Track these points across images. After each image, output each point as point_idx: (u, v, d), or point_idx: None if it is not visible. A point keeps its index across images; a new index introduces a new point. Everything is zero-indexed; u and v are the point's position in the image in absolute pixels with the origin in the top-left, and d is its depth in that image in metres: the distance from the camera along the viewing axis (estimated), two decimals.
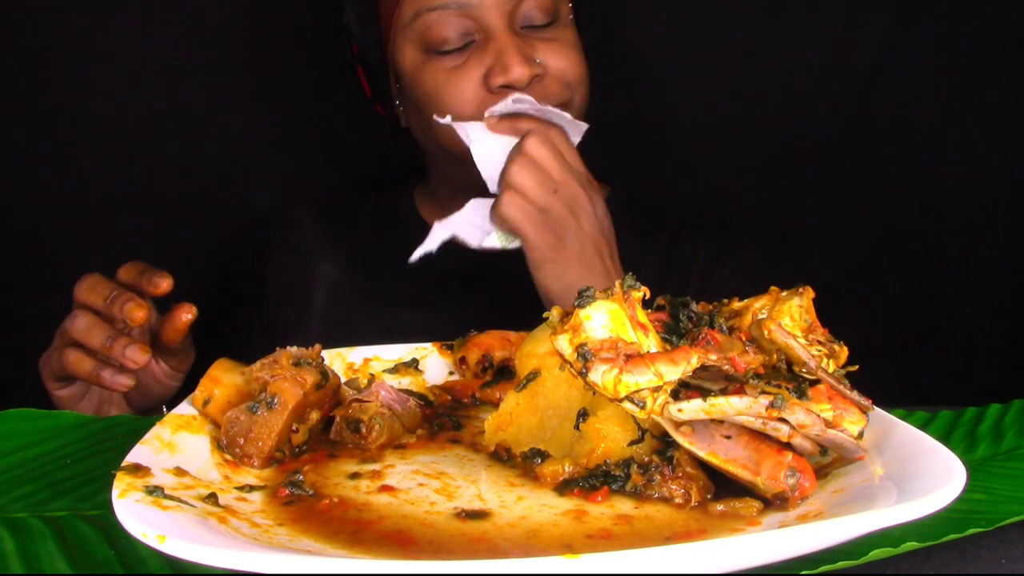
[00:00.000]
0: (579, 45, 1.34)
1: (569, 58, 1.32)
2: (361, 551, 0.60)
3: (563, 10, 1.35)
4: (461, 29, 1.27)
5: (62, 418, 0.86)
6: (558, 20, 1.33)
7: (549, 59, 1.30)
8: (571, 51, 1.33)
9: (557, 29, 1.32)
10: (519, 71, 1.24)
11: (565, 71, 1.31)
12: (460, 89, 1.27)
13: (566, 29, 1.34)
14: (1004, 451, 0.83)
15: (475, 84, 1.27)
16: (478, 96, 1.27)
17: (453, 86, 1.28)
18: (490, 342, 0.94)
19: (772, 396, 0.64)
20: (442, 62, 1.29)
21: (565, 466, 0.70)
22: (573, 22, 1.36)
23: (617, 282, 0.69)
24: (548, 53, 1.30)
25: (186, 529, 0.58)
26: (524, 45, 1.28)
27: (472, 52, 1.28)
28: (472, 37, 1.28)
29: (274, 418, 0.75)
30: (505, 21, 1.27)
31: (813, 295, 0.76)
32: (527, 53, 1.27)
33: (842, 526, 0.56)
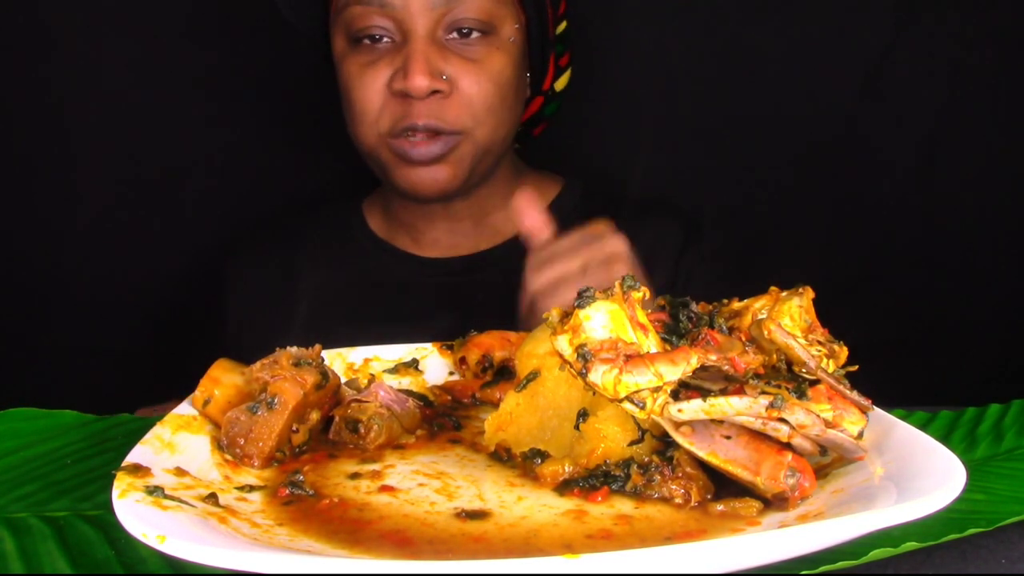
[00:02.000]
0: (504, 73, 1.27)
1: (481, 84, 1.25)
2: (361, 551, 0.60)
3: (505, 29, 1.28)
4: (381, 24, 1.25)
5: (62, 418, 0.86)
6: (493, 35, 1.27)
7: (461, 78, 1.24)
8: (486, 78, 1.26)
9: (487, 49, 1.26)
10: (419, 81, 1.20)
11: (472, 98, 1.25)
12: (366, 86, 1.25)
13: (497, 52, 1.27)
14: (1004, 451, 0.84)
15: (381, 84, 1.24)
16: (382, 97, 1.25)
17: (360, 82, 1.25)
18: (490, 342, 0.94)
19: (772, 396, 0.64)
20: (358, 55, 1.26)
21: (565, 466, 0.70)
22: (515, 48, 1.30)
23: (617, 282, 0.69)
24: (462, 72, 1.24)
25: (186, 529, 0.58)
26: (437, 56, 1.23)
27: (387, 51, 1.25)
28: (392, 35, 1.25)
29: (274, 418, 0.75)
30: (426, 27, 1.23)
31: (813, 295, 0.76)
32: (435, 65, 1.23)
33: (842, 526, 0.56)
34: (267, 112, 1.61)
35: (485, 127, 1.27)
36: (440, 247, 1.42)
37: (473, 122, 1.26)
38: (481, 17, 1.25)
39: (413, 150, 1.25)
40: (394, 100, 1.24)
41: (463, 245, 1.41)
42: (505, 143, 1.34)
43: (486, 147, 1.29)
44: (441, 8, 1.24)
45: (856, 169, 1.65)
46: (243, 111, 1.61)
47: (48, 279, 1.60)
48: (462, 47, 1.25)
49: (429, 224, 1.40)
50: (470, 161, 1.29)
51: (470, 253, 1.40)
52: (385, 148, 1.27)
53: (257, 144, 1.62)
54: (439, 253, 1.41)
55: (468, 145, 1.27)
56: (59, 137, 1.57)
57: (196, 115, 1.59)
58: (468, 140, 1.27)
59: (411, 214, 1.41)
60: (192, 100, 1.58)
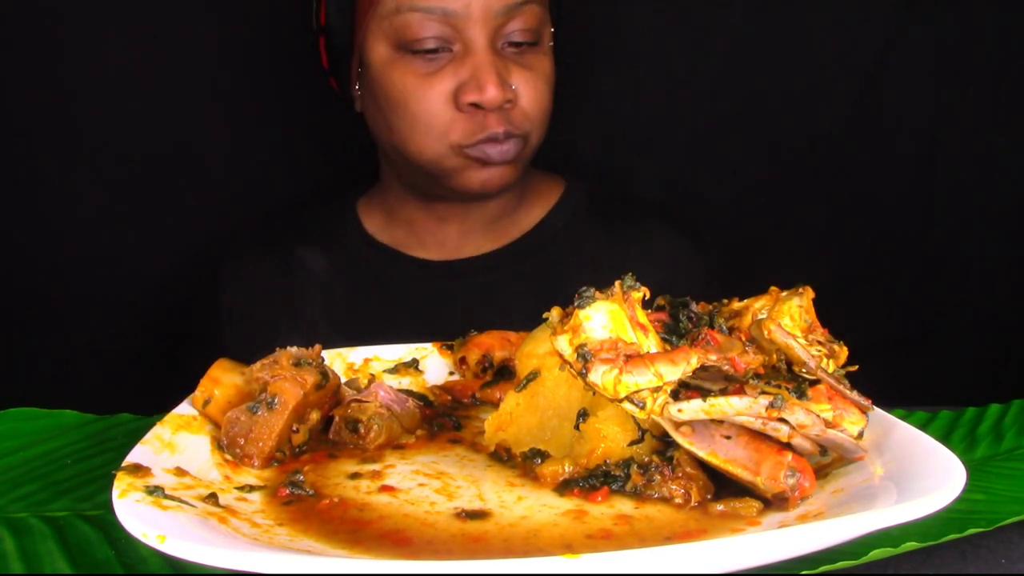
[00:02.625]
0: (552, 78, 1.31)
1: (539, 91, 1.28)
2: (361, 551, 0.60)
3: (545, 35, 1.32)
4: (440, 35, 1.23)
5: (62, 418, 0.86)
6: (540, 44, 1.30)
7: (522, 87, 1.27)
8: (543, 84, 1.29)
9: (536, 56, 1.29)
10: (494, 93, 1.22)
11: (534, 104, 1.28)
12: (429, 98, 1.24)
13: (544, 58, 1.31)
14: (1004, 451, 0.84)
15: (445, 96, 1.24)
16: (447, 110, 1.24)
17: (423, 92, 1.24)
18: (490, 342, 0.94)
19: (772, 396, 0.64)
20: (413, 64, 1.25)
21: (565, 466, 0.70)
22: (552, 51, 1.33)
23: (617, 282, 0.69)
24: (522, 81, 1.27)
25: (186, 529, 0.58)
26: (502, 67, 1.25)
27: (448, 62, 1.25)
28: (449, 46, 1.24)
29: (274, 418, 0.75)
30: (488, 37, 1.24)
31: (813, 295, 0.76)
32: (504, 76, 1.25)
33: (842, 526, 0.56)
34: (267, 112, 1.61)
35: (541, 129, 1.31)
36: (445, 249, 1.40)
37: (532, 126, 1.29)
38: (532, 26, 1.28)
39: (496, 151, 1.26)
40: (462, 112, 1.24)
41: (467, 247, 1.40)
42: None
43: (536, 148, 1.33)
44: (501, 18, 1.25)
45: (856, 169, 1.65)
46: (243, 111, 1.61)
47: (48, 279, 1.60)
48: (517, 56, 1.28)
49: (439, 225, 1.39)
50: (525, 160, 1.32)
51: (473, 256, 1.39)
52: (454, 156, 1.27)
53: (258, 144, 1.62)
54: (442, 255, 1.40)
55: (528, 148, 1.30)
56: (59, 137, 1.57)
57: (196, 115, 1.59)
58: (529, 144, 1.30)
59: (420, 215, 1.39)
60: (192, 100, 1.58)
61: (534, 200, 1.43)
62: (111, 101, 1.56)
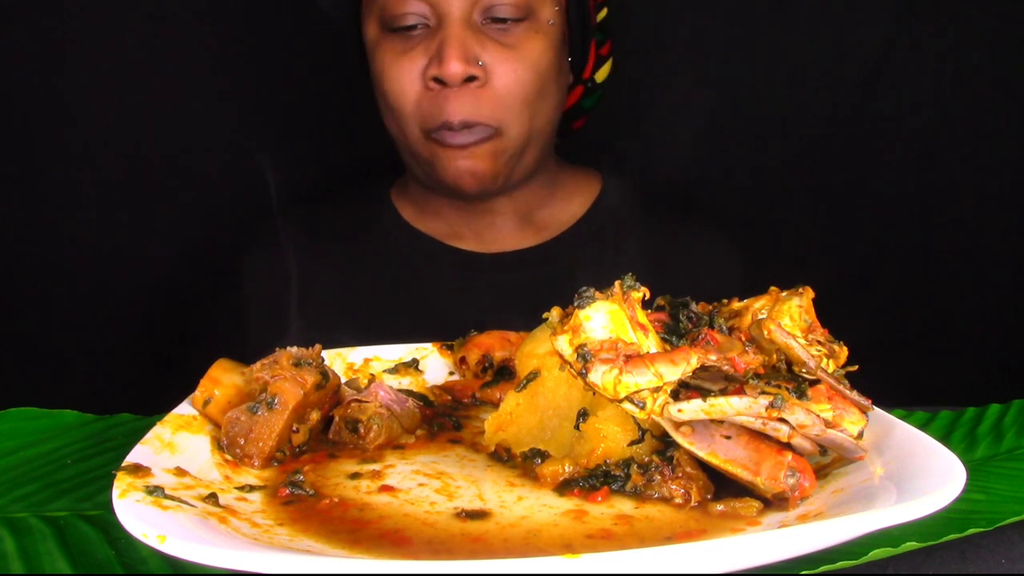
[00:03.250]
0: (541, 60, 1.21)
1: (517, 72, 1.19)
2: (361, 551, 0.60)
3: (544, 11, 1.22)
4: (419, 11, 1.18)
5: (62, 418, 0.86)
6: (531, 19, 1.20)
7: (496, 67, 1.18)
8: (524, 67, 1.19)
9: (525, 34, 1.20)
10: (454, 67, 1.14)
11: (508, 88, 1.19)
12: (400, 75, 1.19)
13: (536, 37, 1.21)
14: (1004, 451, 0.84)
15: (416, 73, 1.18)
16: (414, 88, 1.18)
17: (395, 71, 1.19)
18: (490, 342, 0.94)
19: (772, 396, 0.64)
20: (393, 42, 1.20)
21: (565, 466, 0.70)
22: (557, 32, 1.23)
23: (617, 282, 0.69)
24: (498, 59, 1.18)
25: (186, 529, 0.58)
26: (473, 41, 1.17)
27: (422, 38, 1.19)
28: (427, 21, 1.19)
29: (275, 418, 0.75)
30: (463, 8, 1.17)
31: (813, 295, 0.76)
32: (471, 50, 1.16)
33: (842, 526, 0.56)
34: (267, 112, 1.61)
35: (522, 119, 1.21)
36: (482, 241, 1.36)
37: (509, 114, 1.20)
38: (519, 1, 1.19)
39: (452, 136, 1.19)
40: (429, 92, 1.18)
41: (505, 240, 1.35)
42: (547, 133, 1.29)
43: (524, 139, 1.23)
44: None
45: (856, 169, 1.65)
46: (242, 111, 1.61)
47: (48, 279, 1.60)
48: (499, 32, 1.19)
49: (469, 217, 1.35)
50: (510, 155, 1.23)
51: (513, 250, 1.34)
52: (424, 141, 1.21)
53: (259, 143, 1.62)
54: (480, 247, 1.36)
55: (506, 140, 1.22)
56: (60, 136, 1.57)
57: (196, 114, 1.59)
58: (506, 135, 1.21)
59: (446, 206, 1.34)
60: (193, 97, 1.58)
61: (570, 195, 1.38)
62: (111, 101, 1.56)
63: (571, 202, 1.38)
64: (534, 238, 1.35)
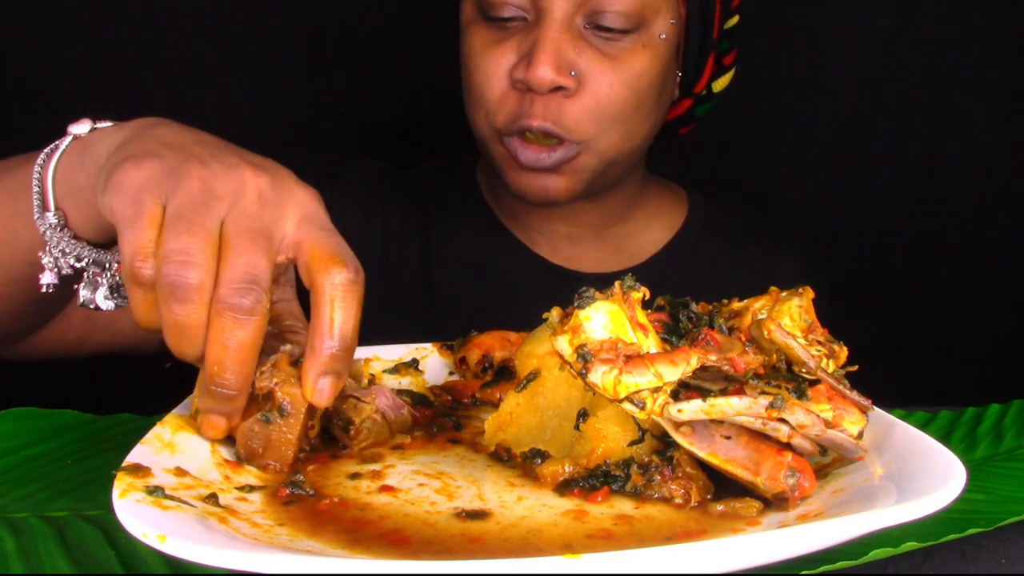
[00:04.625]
0: (644, 78, 1.10)
1: (614, 87, 1.08)
2: (361, 551, 0.60)
3: (658, 24, 1.11)
4: (516, 2, 1.09)
5: (62, 418, 0.86)
6: (641, 31, 1.09)
7: (592, 77, 1.08)
8: (622, 82, 1.09)
9: (631, 47, 1.09)
10: (543, 73, 1.05)
11: (601, 101, 1.08)
12: (487, 67, 1.10)
13: (643, 50, 1.10)
14: (1004, 451, 0.84)
15: (504, 69, 1.10)
16: (499, 84, 1.10)
17: (484, 61, 1.10)
18: (490, 342, 0.94)
19: (772, 396, 0.64)
20: (485, 30, 1.12)
21: (565, 466, 0.70)
22: (671, 50, 1.13)
23: (617, 283, 0.69)
24: (596, 70, 1.08)
25: (186, 529, 0.58)
26: (569, 47, 1.07)
27: (517, 31, 1.10)
28: (525, 15, 1.10)
29: (290, 424, 0.74)
30: (564, 10, 1.07)
31: (813, 295, 0.76)
32: (566, 57, 1.07)
33: (842, 526, 0.56)
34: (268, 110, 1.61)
35: (611, 137, 1.11)
36: (558, 253, 1.27)
37: (597, 130, 1.10)
38: (630, 10, 1.08)
39: (524, 152, 1.10)
40: (514, 90, 1.09)
41: (582, 258, 1.27)
42: (636, 154, 1.19)
43: (611, 159, 1.13)
44: None
45: (856, 169, 1.65)
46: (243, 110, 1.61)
47: None
48: (602, 41, 1.09)
49: (543, 223, 1.26)
50: (590, 174, 1.13)
51: (590, 272, 1.26)
52: (497, 142, 1.13)
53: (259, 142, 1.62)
54: (556, 259, 1.27)
55: (589, 156, 1.11)
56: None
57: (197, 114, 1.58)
58: (589, 151, 1.11)
59: (519, 206, 1.25)
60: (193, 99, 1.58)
61: (654, 213, 1.30)
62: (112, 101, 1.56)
63: (655, 222, 1.30)
64: (614, 259, 1.28)
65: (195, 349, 0.68)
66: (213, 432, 0.72)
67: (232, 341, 0.67)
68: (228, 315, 0.66)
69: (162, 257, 0.66)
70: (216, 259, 0.67)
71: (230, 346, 0.67)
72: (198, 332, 0.67)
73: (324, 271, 0.68)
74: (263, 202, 0.69)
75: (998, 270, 1.63)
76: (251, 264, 0.66)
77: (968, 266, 1.65)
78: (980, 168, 1.63)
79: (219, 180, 0.69)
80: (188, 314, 0.66)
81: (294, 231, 0.70)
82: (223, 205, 0.68)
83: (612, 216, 1.27)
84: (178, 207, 0.67)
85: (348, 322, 0.69)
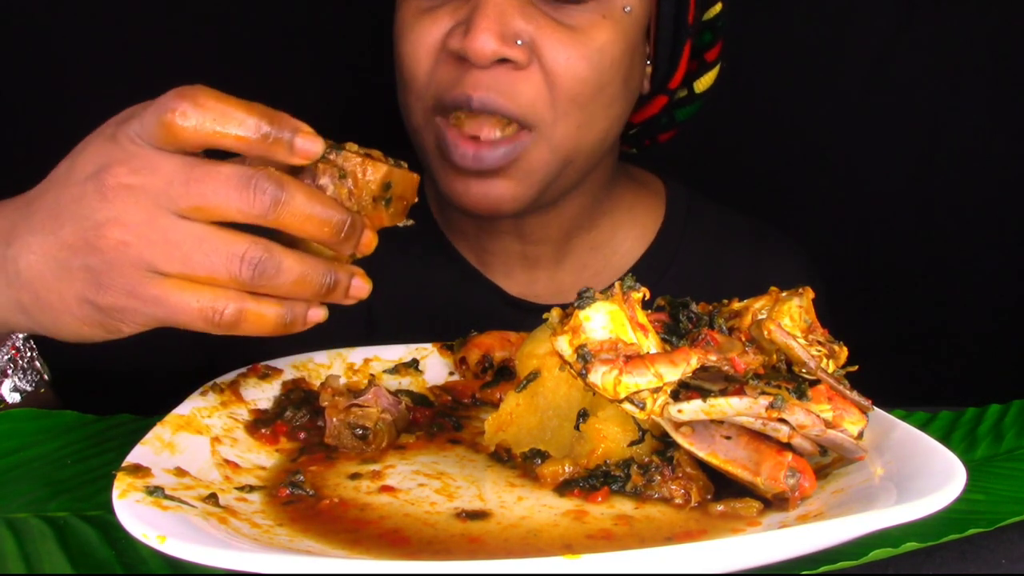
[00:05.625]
0: (608, 53, 0.93)
1: (572, 61, 0.90)
2: (361, 551, 0.60)
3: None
4: None
5: (62, 418, 0.86)
6: (601, 1, 0.93)
7: (546, 48, 0.90)
8: (583, 53, 0.91)
9: (589, 16, 0.92)
10: (482, 42, 0.86)
11: (558, 77, 0.90)
12: (417, 38, 0.93)
13: (604, 23, 0.92)
14: (1004, 451, 0.84)
15: (435, 39, 0.92)
16: (434, 55, 0.92)
17: (413, 32, 0.93)
18: (490, 342, 0.94)
19: (772, 397, 0.64)
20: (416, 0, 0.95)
21: (565, 466, 0.70)
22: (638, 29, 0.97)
23: (617, 283, 0.69)
24: (551, 39, 0.90)
25: (186, 529, 0.58)
26: (517, 11, 0.89)
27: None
28: None
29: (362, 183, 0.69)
30: None
31: (813, 295, 0.76)
32: (511, 23, 0.89)
33: (842, 526, 0.56)
34: None
35: (567, 125, 0.93)
36: (513, 281, 1.10)
37: (552, 115, 0.92)
38: None
39: (458, 149, 0.92)
40: (447, 67, 0.92)
41: (541, 283, 1.10)
42: (597, 153, 1.00)
43: (566, 155, 0.95)
44: None
45: (856, 169, 1.65)
46: None
47: None
48: (557, 6, 0.92)
49: (495, 241, 1.08)
50: (542, 175, 0.95)
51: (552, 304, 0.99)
52: (430, 132, 0.95)
53: None
54: (513, 290, 1.10)
55: (541, 151, 0.93)
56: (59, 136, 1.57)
57: None
58: (542, 143, 0.93)
59: (469, 223, 1.07)
60: None
61: (625, 219, 1.11)
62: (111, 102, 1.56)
63: (626, 231, 1.12)
64: (578, 281, 1.10)
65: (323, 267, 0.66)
66: (361, 291, 0.70)
67: (298, 208, 0.64)
68: (274, 210, 0.63)
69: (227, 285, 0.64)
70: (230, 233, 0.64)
71: (300, 213, 0.64)
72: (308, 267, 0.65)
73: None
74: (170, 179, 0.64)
75: (998, 270, 1.63)
76: (232, 198, 0.63)
77: (968, 266, 1.65)
78: (980, 168, 1.62)
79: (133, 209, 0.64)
80: (287, 272, 0.65)
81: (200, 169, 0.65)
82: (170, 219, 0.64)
83: (574, 228, 1.08)
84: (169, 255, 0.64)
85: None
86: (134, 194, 0.64)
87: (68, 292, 0.66)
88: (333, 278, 0.67)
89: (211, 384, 0.83)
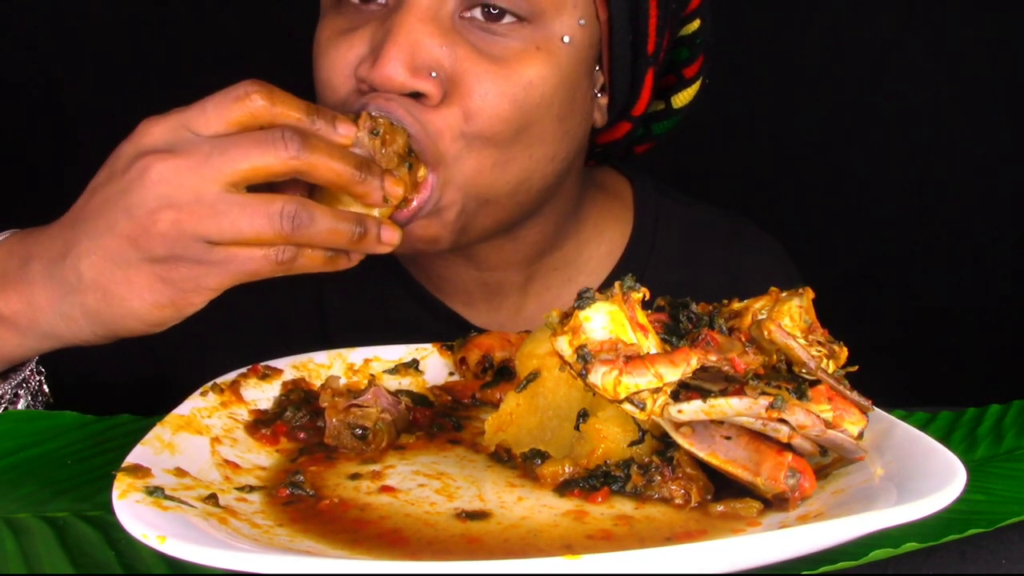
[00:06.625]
0: (538, 89, 0.85)
1: (489, 98, 0.83)
2: (361, 552, 0.60)
3: (560, 21, 0.86)
4: None
5: (62, 418, 0.86)
6: (536, 26, 0.85)
7: (463, 82, 0.83)
8: (506, 91, 0.84)
9: (520, 45, 0.85)
10: (390, 70, 0.81)
11: (472, 114, 0.83)
12: (331, 63, 0.87)
13: (536, 55, 0.85)
14: (1004, 451, 0.83)
15: (349, 64, 0.86)
16: (347, 84, 0.87)
17: (326, 58, 0.88)
18: (490, 343, 0.94)
19: (772, 397, 0.64)
20: (338, 18, 0.89)
21: (565, 467, 0.70)
22: (581, 59, 0.89)
23: (617, 283, 0.69)
24: (469, 72, 0.83)
25: (186, 529, 0.58)
26: (434, 40, 0.83)
27: (375, 17, 0.86)
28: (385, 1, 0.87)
29: None
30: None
31: (813, 295, 0.76)
32: (426, 53, 0.82)
33: (842, 526, 0.56)
34: None
35: (478, 163, 0.86)
36: (476, 311, 1.06)
37: (456, 150, 0.85)
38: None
39: None
40: (359, 95, 0.86)
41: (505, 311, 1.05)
42: (536, 196, 0.93)
43: (480, 194, 0.88)
44: None
45: (856, 169, 1.65)
46: None
47: None
48: (483, 35, 0.85)
49: (448, 269, 1.04)
50: (455, 214, 0.88)
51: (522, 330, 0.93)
52: None
53: None
54: (480, 320, 1.06)
55: (448, 190, 0.86)
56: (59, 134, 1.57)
57: None
58: (446, 181, 0.86)
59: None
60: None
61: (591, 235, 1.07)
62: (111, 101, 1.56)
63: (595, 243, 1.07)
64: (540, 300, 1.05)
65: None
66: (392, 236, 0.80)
67: (322, 148, 0.74)
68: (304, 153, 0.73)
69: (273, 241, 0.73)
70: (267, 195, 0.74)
71: (324, 150, 0.74)
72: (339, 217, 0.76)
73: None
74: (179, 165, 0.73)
75: (998, 270, 1.64)
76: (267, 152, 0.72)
77: (968, 266, 1.65)
78: (981, 168, 1.63)
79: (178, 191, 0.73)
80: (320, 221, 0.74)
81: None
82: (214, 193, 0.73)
83: (536, 253, 1.03)
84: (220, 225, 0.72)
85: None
86: (178, 176, 0.72)
87: (137, 278, 0.74)
88: (364, 225, 0.77)
89: (211, 384, 0.83)
